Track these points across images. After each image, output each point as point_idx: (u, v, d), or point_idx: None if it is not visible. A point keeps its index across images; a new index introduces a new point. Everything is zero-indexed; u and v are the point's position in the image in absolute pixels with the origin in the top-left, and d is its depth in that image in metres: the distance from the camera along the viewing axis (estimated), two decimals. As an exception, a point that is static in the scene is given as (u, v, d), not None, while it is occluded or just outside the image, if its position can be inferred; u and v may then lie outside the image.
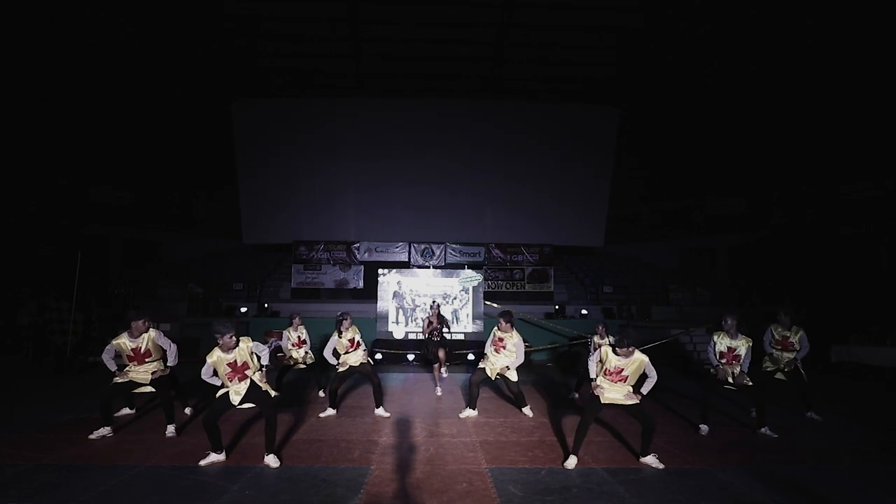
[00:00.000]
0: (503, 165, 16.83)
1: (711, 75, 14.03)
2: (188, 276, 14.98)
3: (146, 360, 4.88)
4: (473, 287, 11.87)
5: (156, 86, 14.69)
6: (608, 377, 4.18)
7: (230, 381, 4.09)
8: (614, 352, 4.15)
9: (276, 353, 7.54)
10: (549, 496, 3.38)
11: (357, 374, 6.02)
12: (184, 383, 5.83)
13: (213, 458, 3.98)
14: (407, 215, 16.78)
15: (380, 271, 12.06)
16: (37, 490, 3.39)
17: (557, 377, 8.96)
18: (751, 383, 5.08)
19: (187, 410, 5.70)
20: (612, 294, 14.96)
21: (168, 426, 4.82)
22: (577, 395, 6.84)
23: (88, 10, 11.22)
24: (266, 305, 13.06)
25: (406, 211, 16.80)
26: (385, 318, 11.60)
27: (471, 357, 10.18)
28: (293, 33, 13.13)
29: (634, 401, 4.13)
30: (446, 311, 11.70)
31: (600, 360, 4.28)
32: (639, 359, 4.12)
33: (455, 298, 11.83)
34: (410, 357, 10.51)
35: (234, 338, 4.06)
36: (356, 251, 15.37)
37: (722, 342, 5.13)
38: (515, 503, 3.29)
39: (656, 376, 4.19)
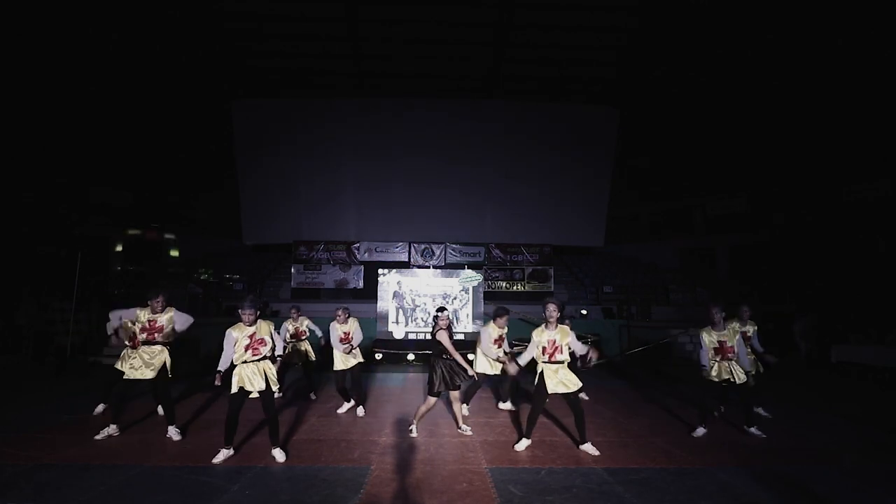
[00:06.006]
0: (503, 165, 16.82)
1: (711, 76, 14.04)
2: (188, 276, 14.98)
3: (156, 335, 4.83)
4: (473, 287, 11.85)
5: (156, 86, 14.70)
6: (546, 355, 4.41)
7: (246, 352, 4.14)
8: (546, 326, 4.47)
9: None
10: (549, 496, 3.38)
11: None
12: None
13: (224, 453, 4.07)
14: (407, 215, 16.77)
15: (380, 271, 12.04)
16: (37, 490, 3.39)
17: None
18: (745, 380, 4.90)
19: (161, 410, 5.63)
20: (612, 294, 14.96)
21: (170, 427, 4.70)
22: None
23: (89, 10, 11.22)
24: (267, 304, 13.08)
25: (406, 211, 16.79)
26: (385, 318, 11.58)
27: (471, 357, 10.14)
28: (293, 33, 13.13)
29: (577, 387, 4.39)
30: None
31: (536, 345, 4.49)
32: (567, 330, 4.45)
33: (455, 298, 11.81)
34: (410, 357, 10.50)
35: (253, 315, 4.24)
36: (356, 251, 15.37)
37: (711, 338, 4.94)
38: (515, 503, 3.29)
39: (583, 347, 4.58)
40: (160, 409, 5.62)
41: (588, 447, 4.33)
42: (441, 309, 4.84)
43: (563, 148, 16.90)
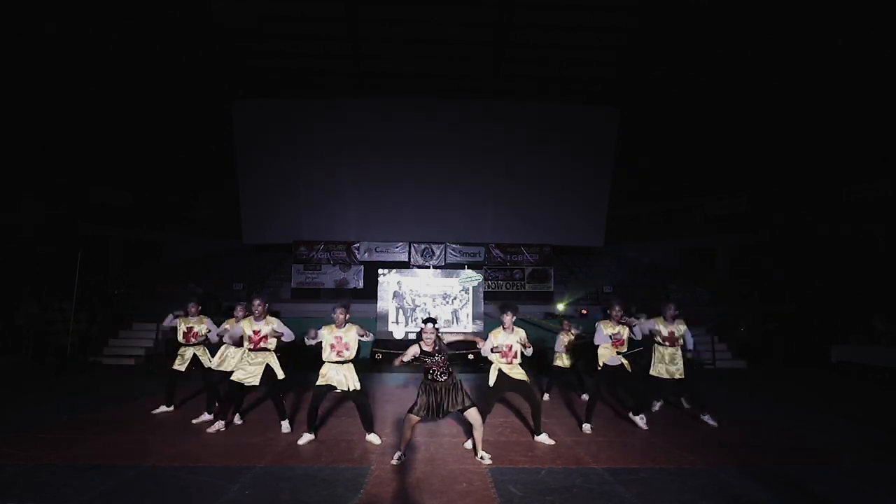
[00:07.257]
0: (503, 165, 16.81)
1: (711, 76, 14.03)
2: (188, 276, 14.98)
3: (261, 344, 4.95)
4: (473, 287, 11.86)
5: (157, 86, 14.69)
6: (504, 359, 4.61)
7: (331, 352, 4.57)
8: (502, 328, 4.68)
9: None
10: (549, 496, 3.38)
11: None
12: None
13: (307, 437, 4.55)
14: (407, 215, 16.76)
15: (380, 271, 12.06)
16: (37, 490, 3.39)
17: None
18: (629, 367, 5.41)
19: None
20: (612, 294, 14.94)
21: (282, 422, 4.97)
22: (547, 397, 6.86)
23: (89, 10, 11.22)
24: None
25: (406, 211, 16.79)
26: (385, 318, 11.59)
27: (470, 357, 10.17)
28: (293, 33, 13.12)
29: (526, 379, 4.64)
30: (446, 311, 11.65)
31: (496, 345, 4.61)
32: (519, 332, 4.67)
33: (455, 298, 11.83)
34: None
35: (346, 316, 4.64)
36: (356, 251, 15.36)
37: (607, 329, 5.38)
38: (515, 503, 3.29)
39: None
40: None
41: (543, 438, 4.61)
42: (429, 321, 4.01)
43: (563, 148, 16.88)
